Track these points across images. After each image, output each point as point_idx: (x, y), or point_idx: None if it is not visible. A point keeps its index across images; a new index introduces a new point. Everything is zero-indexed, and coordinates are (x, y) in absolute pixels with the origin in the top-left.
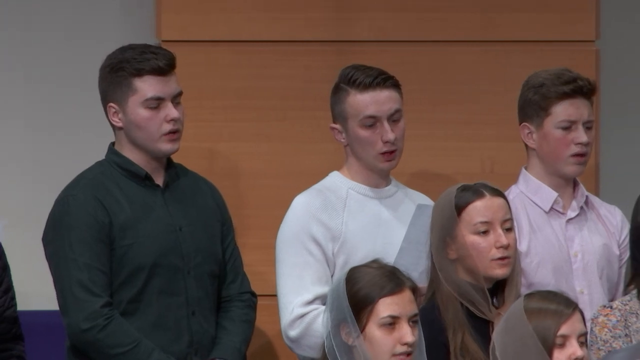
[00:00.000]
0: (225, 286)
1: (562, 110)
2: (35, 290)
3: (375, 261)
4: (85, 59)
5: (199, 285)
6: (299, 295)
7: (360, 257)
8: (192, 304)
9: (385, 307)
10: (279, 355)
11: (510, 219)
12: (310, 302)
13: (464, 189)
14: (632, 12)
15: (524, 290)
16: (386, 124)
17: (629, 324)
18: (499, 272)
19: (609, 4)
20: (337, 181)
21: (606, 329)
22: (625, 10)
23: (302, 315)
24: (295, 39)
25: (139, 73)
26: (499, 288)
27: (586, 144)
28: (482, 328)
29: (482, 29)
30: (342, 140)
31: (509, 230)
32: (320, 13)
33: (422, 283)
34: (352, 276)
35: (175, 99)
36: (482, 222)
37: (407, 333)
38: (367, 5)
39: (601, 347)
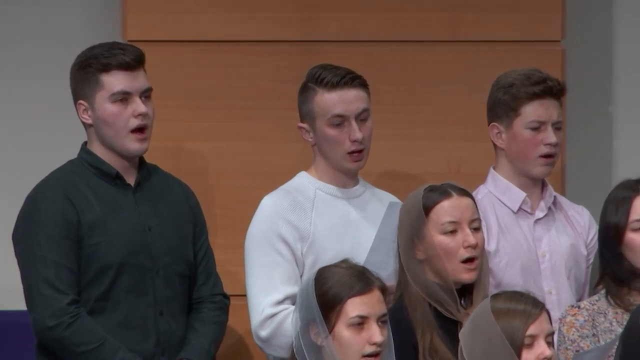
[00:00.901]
0: (197, 287)
1: (532, 111)
2: (6, 289)
3: (344, 261)
4: (51, 60)
5: (167, 285)
6: (269, 295)
7: (329, 257)
8: (160, 304)
9: (354, 307)
10: (248, 355)
11: (478, 219)
12: (281, 302)
13: (432, 189)
14: (596, 12)
15: (492, 291)
16: (354, 123)
17: (597, 324)
18: (467, 276)
19: (574, 4)
20: (304, 182)
21: (574, 329)
22: (590, 10)
23: (273, 315)
24: (261, 39)
25: (106, 68)
26: (467, 289)
27: (555, 145)
28: (451, 329)
29: (449, 29)
30: (310, 139)
31: (477, 230)
32: (287, 13)
33: (394, 281)
34: (321, 276)
35: (144, 95)
36: (449, 222)
37: (375, 333)
38: (335, 5)
39: (569, 347)
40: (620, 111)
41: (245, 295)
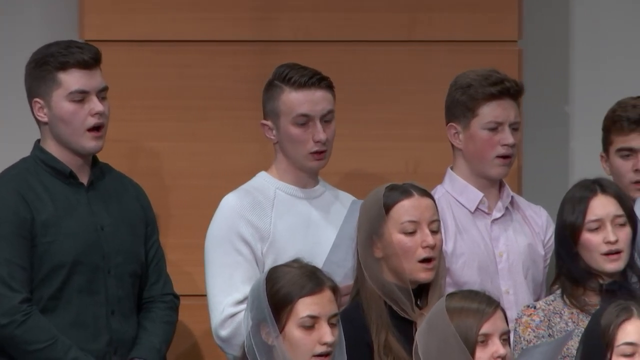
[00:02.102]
0: (148, 287)
1: (489, 112)
2: None
3: (295, 261)
4: (7, 59)
5: (119, 284)
6: (229, 295)
7: (288, 256)
8: (112, 303)
9: (305, 307)
10: (205, 355)
11: (438, 221)
12: (241, 302)
13: (393, 188)
14: (553, 12)
15: (449, 290)
16: (318, 124)
17: (553, 324)
18: (424, 276)
19: (531, 4)
20: (264, 181)
21: (529, 329)
22: (546, 10)
23: (233, 315)
24: (218, 38)
25: (64, 66)
26: (423, 289)
27: (512, 145)
28: (405, 328)
29: (406, 29)
30: (272, 137)
31: (436, 231)
32: (244, 13)
33: (352, 279)
34: (272, 276)
35: (101, 94)
36: (409, 222)
37: (326, 333)
38: (292, 5)
39: (525, 347)
40: (577, 111)
41: (200, 295)
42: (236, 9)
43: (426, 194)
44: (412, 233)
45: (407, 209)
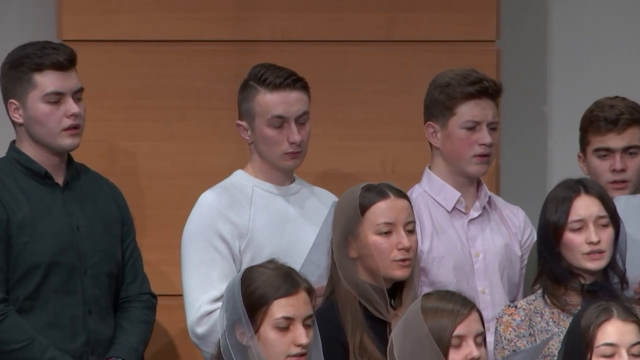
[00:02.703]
0: (125, 287)
1: (467, 111)
2: None
3: (271, 261)
4: None
5: (96, 284)
6: (206, 293)
7: (266, 254)
8: (88, 303)
9: (280, 308)
10: (181, 355)
11: (413, 222)
12: (217, 299)
13: (369, 188)
14: (531, 12)
15: (424, 290)
16: (293, 125)
17: (534, 324)
18: (399, 273)
19: (510, 4)
20: (242, 179)
21: (510, 329)
22: (525, 10)
23: (210, 313)
24: (196, 38)
25: (39, 68)
26: (397, 289)
27: (490, 145)
28: (380, 328)
29: (384, 29)
30: (247, 137)
31: (411, 232)
32: (222, 13)
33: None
34: (248, 276)
35: (76, 95)
36: (385, 223)
37: (301, 335)
38: (270, 5)
39: (505, 347)
40: (555, 111)
41: (177, 295)
42: (214, 9)
43: (402, 195)
44: (387, 234)
45: (383, 210)
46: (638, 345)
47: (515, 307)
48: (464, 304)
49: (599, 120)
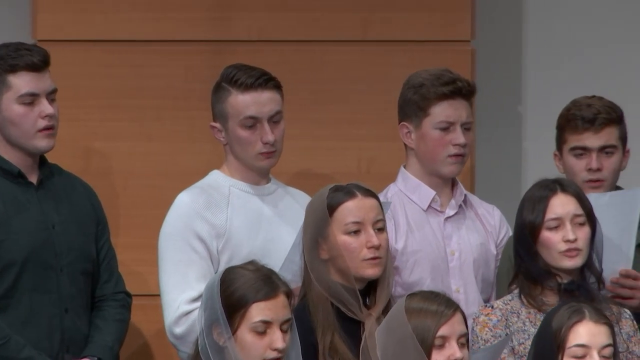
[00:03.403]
0: (100, 286)
1: (441, 111)
2: None
3: (251, 263)
4: None
5: (71, 283)
6: (184, 293)
7: (244, 253)
8: (64, 302)
9: (258, 311)
10: (156, 355)
11: (382, 220)
12: (195, 299)
13: (337, 189)
14: (506, 12)
15: (400, 289)
16: (266, 125)
17: (510, 324)
18: (370, 272)
19: (484, 4)
20: (218, 179)
21: (487, 329)
22: (499, 10)
23: (188, 313)
24: (172, 38)
25: (13, 69)
26: (371, 289)
27: (464, 145)
28: (353, 329)
29: (360, 29)
30: (222, 139)
31: (381, 230)
32: (199, 13)
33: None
34: (227, 277)
35: (50, 96)
36: (353, 222)
37: (278, 339)
38: (246, 5)
39: (482, 347)
40: (530, 111)
41: (152, 295)
42: (190, 9)
43: (370, 193)
44: (356, 234)
45: (350, 209)
46: (609, 347)
47: (492, 307)
48: (448, 305)
49: (576, 119)
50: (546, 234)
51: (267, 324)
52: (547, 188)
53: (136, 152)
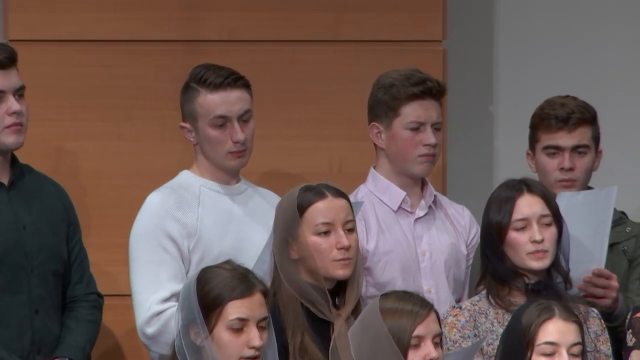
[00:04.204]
0: (71, 286)
1: (411, 112)
2: None
3: (228, 262)
4: None
5: (42, 283)
6: (155, 293)
7: (215, 253)
8: (35, 303)
9: (235, 309)
10: (127, 355)
11: (352, 220)
12: (167, 299)
13: (307, 189)
14: (477, 12)
15: (372, 290)
16: (236, 124)
17: (478, 324)
18: (340, 272)
19: (455, 4)
20: (188, 179)
21: (455, 329)
22: (471, 10)
23: (160, 313)
24: (143, 38)
25: None
26: (340, 289)
27: (434, 145)
28: (322, 329)
29: (331, 29)
30: (192, 139)
31: (351, 231)
32: (170, 12)
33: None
34: (204, 276)
35: (18, 92)
36: (323, 223)
37: (254, 337)
38: (217, 5)
39: (450, 348)
40: (501, 111)
41: (123, 295)
42: (161, 9)
43: (340, 194)
44: (326, 234)
45: (320, 210)
46: (578, 345)
47: (460, 308)
48: (422, 305)
49: (549, 118)
50: (513, 235)
51: (243, 321)
52: (514, 188)
53: (107, 152)
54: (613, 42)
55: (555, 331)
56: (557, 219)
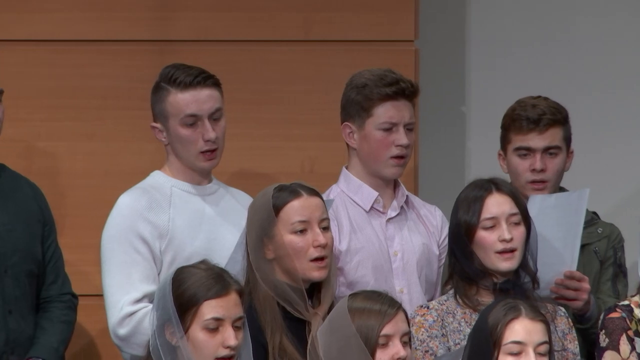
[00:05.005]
0: (46, 287)
1: (384, 112)
2: None
3: (203, 262)
4: None
5: (16, 284)
6: (127, 294)
7: (187, 253)
8: (8, 303)
9: (210, 309)
10: (101, 354)
11: (327, 219)
12: (139, 300)
13: (281, 188)
14: (449, 12)
15: (344, 290)
16: (207, 123)
17: (446, 324)
18: (317, 274)
19: (428, 4)
20: (160, 180)
21: (423, 329)
22: (443, 10)
23: (132, 314)
24: (116, 38)
25: None
26: (315, 288)
27: (406, 146)
28: (299, 328)
29: (302, 29)
30: (163, 139)
31: (326, 229)
32: (142, 13)
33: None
34: (179, 276)
35: None
36: (299, 222)
37: (230, 336)
38: (189, 5)
39: (418, 347)
40: (473, 111)
41: (96, 295)
42: (133, 9)
43: (314, 193)
44: (302, 233)
45: (296, 209)
46: (545, 345)
47: (428, 307)
48: (391, 304)
49: (521, 119)
50: (482, 234)
51: (218, 321)
52: (482, 188)
53: (79, 152)
54: (584, 42)
55: (521, 330)
56: (525, 218)
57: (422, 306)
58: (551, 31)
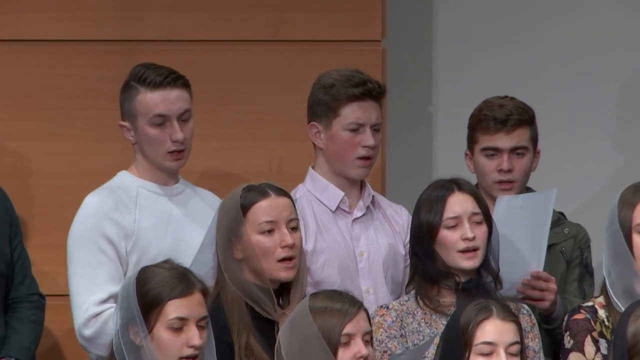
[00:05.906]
0: (14, 287)
1: (351, 113)
2: None
3: (167, 261)
4: None
5: None
6: (93, 294)
7: (153, 254)
8: None
9: (174, 309)
10: (67, 354)
11: (296, 219)
12: (105, 301)
13: (250, 189)
14: (417, 12)
15: (310, 290)
16: (175, 124)
17: (405, 324)
18: (284, 275)
19: (395, 4)
20: (126, 180)
21: (382, 329)
22: (410, 10)
23: (97, 314)
24: (82, 38)
25: None
26: (284, 288)
27: (373, 147)
28: (268, 328)
29: (270, 29)
30: (131, 138)
31: (294, 229)
32: (109, 12)
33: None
34: (143, 276)
35: None
36: (267, 222)
37: (194, 336)
38: (156, 5)
39: (377, 348)
40: (440, 111)
41: (63, 295)
42: (99, 9)
43: (283, 193)
44: (270, 233)
45: (264, 209)
46: (516, 345)
47: (387, 307)
48: (352, 303)
49: (488, 119)
50: (444, 233)
51: (183, 320)
52: (444, 187)
53: (45, 152)
54: (551, 41)
55: (492, 331)
56: (487, 218)
57: (381, 306)
58: (518, 31)
